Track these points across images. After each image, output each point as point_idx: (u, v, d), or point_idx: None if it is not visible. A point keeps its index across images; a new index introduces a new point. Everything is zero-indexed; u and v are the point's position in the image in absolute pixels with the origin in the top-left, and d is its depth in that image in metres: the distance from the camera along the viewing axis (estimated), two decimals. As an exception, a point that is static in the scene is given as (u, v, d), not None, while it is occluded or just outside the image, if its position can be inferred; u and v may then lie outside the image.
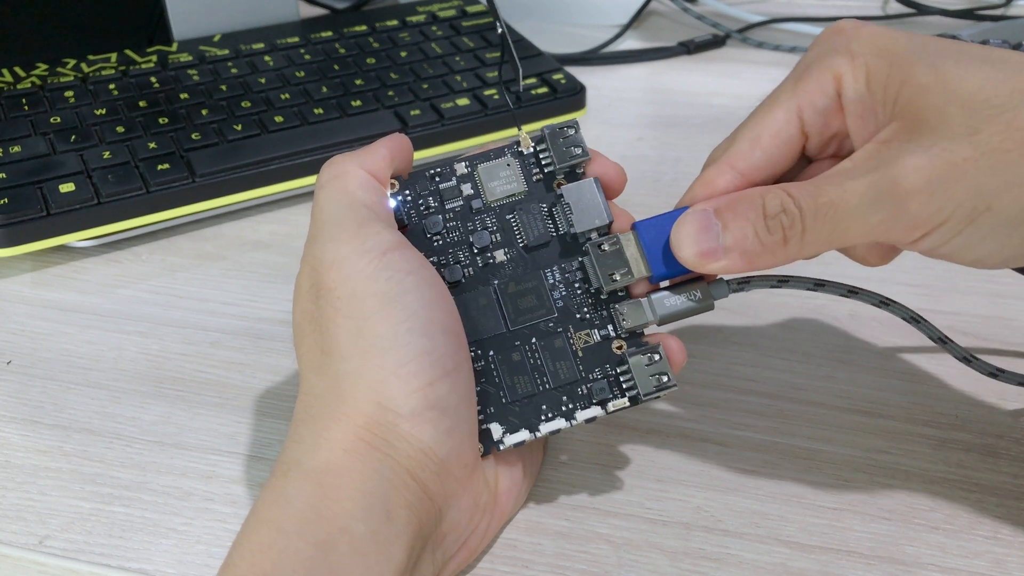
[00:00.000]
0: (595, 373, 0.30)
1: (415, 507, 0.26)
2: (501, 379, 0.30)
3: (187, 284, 0.44)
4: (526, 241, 0.31)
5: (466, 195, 0.31)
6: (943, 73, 0.25)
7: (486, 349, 0.30)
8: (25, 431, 0.36)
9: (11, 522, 0.32)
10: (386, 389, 0.26)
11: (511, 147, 0.32)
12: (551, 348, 0.30)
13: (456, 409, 0.27)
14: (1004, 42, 0.59)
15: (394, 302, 0.27)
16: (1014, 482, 0.32)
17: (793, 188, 0.27)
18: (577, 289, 0.31)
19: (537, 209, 0.31)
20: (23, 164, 0.46)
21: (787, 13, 0.72)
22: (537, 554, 0.31)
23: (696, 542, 0.31)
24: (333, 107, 0.51)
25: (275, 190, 0.48)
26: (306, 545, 0.24)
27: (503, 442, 0.29)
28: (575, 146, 0.31)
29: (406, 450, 0.26)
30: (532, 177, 0.31)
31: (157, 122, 0.49)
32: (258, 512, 0.26)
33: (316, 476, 0.26)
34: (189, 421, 0.36)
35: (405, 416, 0.26)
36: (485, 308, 0.30)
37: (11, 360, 0.39)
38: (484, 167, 0.31)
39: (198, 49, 0.56)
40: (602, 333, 0.30)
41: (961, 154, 0.25)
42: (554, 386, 0.30)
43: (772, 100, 0.30)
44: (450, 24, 0.61)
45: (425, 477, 0.26)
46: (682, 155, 0.54)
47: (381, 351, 0.26)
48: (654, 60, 0.67)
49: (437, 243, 0.31)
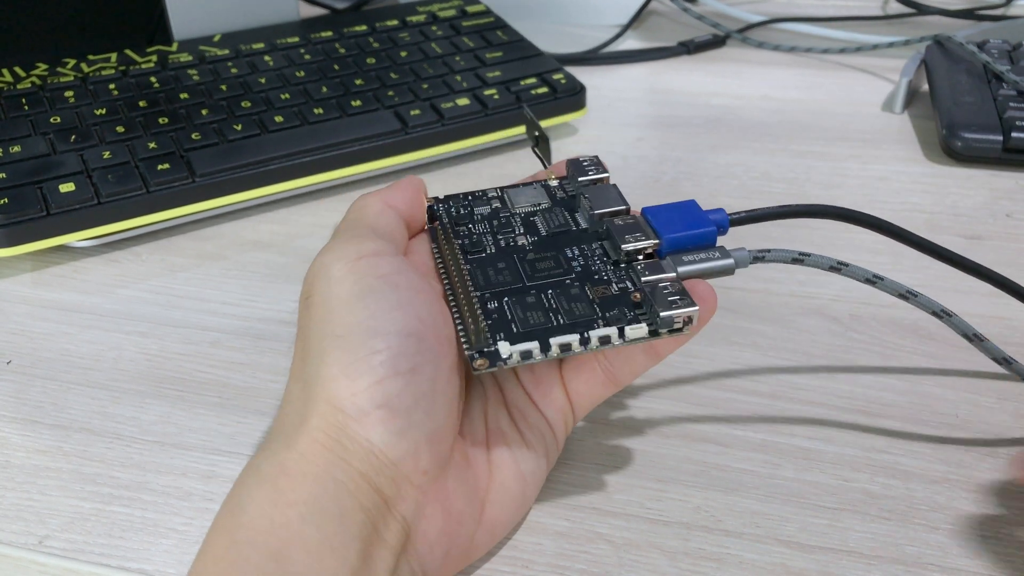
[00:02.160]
0: (611, 312, 0.29)
1: (370, 511, 0.25)
2: (513, 314, 0.29)
3: (187, 284, 0.44)
4: (548, 229, 0.32)
5: (495, 207, 0.34)
6: None
7: (500, 296, 0.30)
8: (25, 431, 0.36)
9: (11, 522, 0.32)
10: (336, 388, 0.26)
11: (539, 181, 0.35)
12: (567, 294, 0.29)
13: (409, 411, 0.26)
14: (1004, 42, 0.59)
15: (354, 303, 0.27)
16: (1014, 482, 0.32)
17: None
18: (597, 261, 0.31)
19: (559, 211, 0.33)
20: (23, 164, 0.46)
21: (787, 13, 0.72)
22: (537, 554, 0.31)
23: (696, 542, 0.31)
24: (333, 107, 0.51)
25: (275, 190, 0.48)
26: (258, 555, 0.24)
27: (511, 356, 0.27)
28: (594, 166, 0.34)
29: (357, 452, 0.26)
30: (556, 197, 0.34)
31: (157, 122, 0.49)
32: (216, 521, 0.25)
33: (271, 480, 0.25)
34: (189, 421, 0.36)
35: (353, 416, 0.26)
36: (503, 270, 0.30)
37: (11, 360, 0.39)
38: (513, 192, 0.34)
39: (198, 49, 0.56)
40: (620, 287, 0.30)
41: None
42: (568, 321, 0.28)
43: None
44: (450, 24, 0.61)
45: (380, 481, 0.26)
46: (682, 155, 0.54)
47: (335, 350, 0.26)
48: (654, 60, 0.67)
49: (463, 231, 0.32)
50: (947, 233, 0.46)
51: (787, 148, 0.54)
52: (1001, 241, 0.45)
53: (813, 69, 0.64)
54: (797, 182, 0.51)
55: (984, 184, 0.50)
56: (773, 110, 0.58)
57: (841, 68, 0.64)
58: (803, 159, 0.53)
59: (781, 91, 0.61)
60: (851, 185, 0.50)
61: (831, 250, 0.44)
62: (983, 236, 0.46)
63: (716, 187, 0.50)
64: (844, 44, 0.66)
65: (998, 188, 0.50)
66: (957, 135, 0.51)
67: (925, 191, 0.50)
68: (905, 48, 0.63)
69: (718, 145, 0.55)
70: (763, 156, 0.53)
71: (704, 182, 0.51)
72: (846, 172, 0.52)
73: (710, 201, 0.49)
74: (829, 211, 0.32)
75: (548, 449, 0.32)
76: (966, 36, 0.61)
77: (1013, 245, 0.45)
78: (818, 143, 0.55)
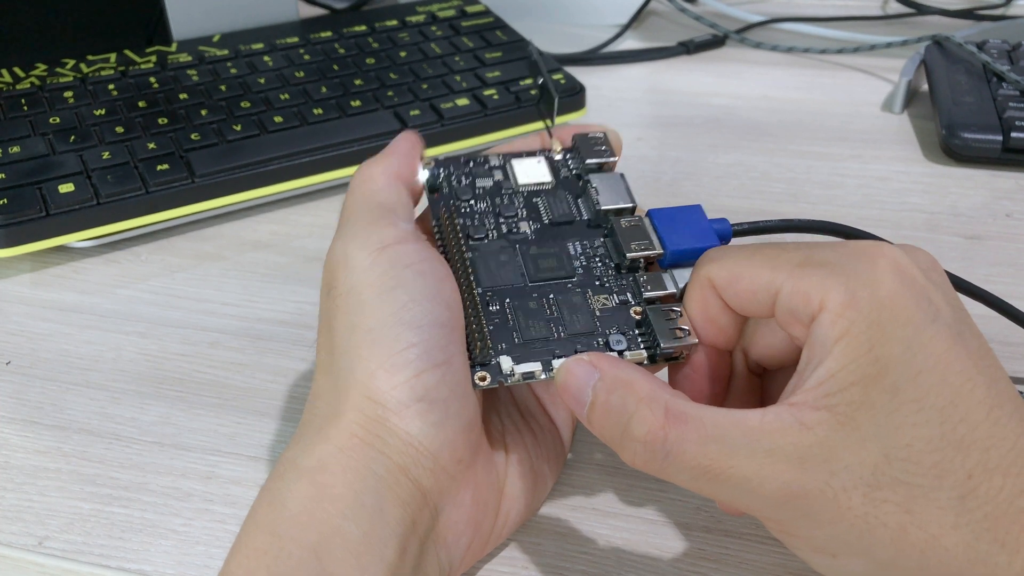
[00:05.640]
0: (612, 329, 0.29)
1: (409, 505, 0.26)
2: (515, 322, 0.29)
3: (186, 284, 0.44)
4: (551, 217, 0.32)
5: (497, 179, 0.33)
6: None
7: (503, 297, 0.30)
8: (24, 432, 0.36)
9: (10, 523, 0.32)
10: (374, 382, 0.26)
11: (542, 151, 0.33)
12: (569, 303, 0.30)
13: (446, 402, 0.27)
14: (1003, 42, 0.59)
15: (385, 295, 0.27)
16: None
17: (674, 424, 0.24)
18: (598, 262, 0.31)
19: (563, 195, 0.32)
20: (22, 164, 0.46)
21: (786, 13, 0.72)
22: (537, 554, 0.31)
23: (696, 542, 0.31)
24: (333, 107, 0.51)
25: (275, 190, 0.48)
26: (300, 549, 0.24)
27: (513, 373, 0.28)
28: (603, 146, 0.33)
29: (397, 445, 0.26)
30: (560, 175, 0.33)
31: (156, 122, 0.49)
32: (254, 514, 0.25)
33: (310, 475, 0.25)
34: (188, 422, 0.36)
35: (392, 409, 0.26)
36: (505, 263, 0.30)
37: (10, 360, 0.39)
38: (516, 160, 0.33)
39: (197, 49, 0.56)
40: (621, 299, 0.30)
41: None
42: (569, 334, 0.29)
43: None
44: (450, 24, 0.61)
45: (418, 474, 0.26)
46: (682, 155, 0.54)
47: (370, 344, 0.26)
48: (654, 60, 0.67)
49: (465, 209, 0.32)
50: (947, 233, 0.46)
51: (787, 148, 0.54)
52: (1001, 241, 0.45)
53: (813, 69, 0.64)
54: (797, 182, 0.51)
55: (984, 184, 0.50)
56: (773, 110, 0.58)
57: (841, 68, 0.64)
58: (803, 159, 0.53)
59: (780, 91, 0.61)
60: (851, 185, 0.50)
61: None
62: (983, 236, 0.46)
63: (716, 187, 0.50)
64: (843, 44, 0.66)
65: (998, 188, 0.50)
66: (957, 135, 0.51)
67: (925, 191, 0.50)
68: (904, 48, 0.63)
69: (718, 145, 0.54)
70: (763, 156, 0.53)
71: (704, 182, 0.51)
72: (846, 172, 0.52)
73: (710, 201, 0.50)
74: (827, 227, 0.32)
75: (557, 453, 0.32)
76: (966, 36, 0.61)
77: (1013, 245, 0.45)
78: (818, 143, 0.55)
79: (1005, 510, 0.22)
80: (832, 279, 0.24)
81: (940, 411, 0.23)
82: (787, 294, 0.25)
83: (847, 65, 0.64)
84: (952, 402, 0.23)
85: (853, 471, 0.23)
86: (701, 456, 0.24)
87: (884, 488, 0.23)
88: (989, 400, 0.23)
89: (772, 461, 0.23)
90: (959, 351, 0.23)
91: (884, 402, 0.23)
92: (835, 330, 0.23)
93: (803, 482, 0.23)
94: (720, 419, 0.24)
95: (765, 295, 0.25)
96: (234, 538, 0.25)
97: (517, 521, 0.30)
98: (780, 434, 0.23)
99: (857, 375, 0.23)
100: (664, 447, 0.24)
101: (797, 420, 0.23)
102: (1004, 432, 0.23)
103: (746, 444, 0.23)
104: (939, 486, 0.22)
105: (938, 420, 0.22)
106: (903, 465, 0.23)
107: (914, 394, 0.23)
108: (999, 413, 0.23)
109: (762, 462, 0.23)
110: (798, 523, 0.24)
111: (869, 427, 0.23)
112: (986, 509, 0.22)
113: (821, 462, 0.23)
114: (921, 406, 0.23)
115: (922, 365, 0.23)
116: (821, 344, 0.24)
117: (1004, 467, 0.22)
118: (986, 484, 0.22)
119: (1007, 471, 0.22)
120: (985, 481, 0.22)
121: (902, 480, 0.23)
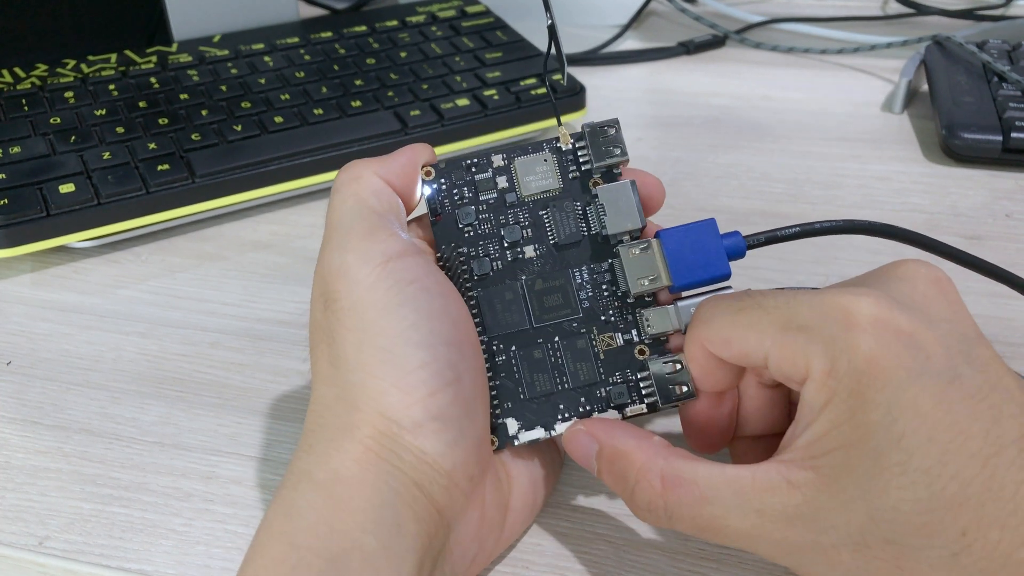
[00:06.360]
0: (615, 377, 0.30)
1: (424, 521, 0.26)
2: (521, 375, 0.30)
3: (187, 284, 0.44)
4: (557, 239, 0.31)
5: (501, 188, 0.31)
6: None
7: (508, 344, 0.30)
8: (25, 432, 0.36)
9: (11, 523, 0.32)
10: (387, 399, 0.26)
11: (550, 142, 0.32)
12: (573, 348, 0.30)
13: (459, 421, 0.27)
14: (1003, 42, 0.59)
15: (393, 313, 0.27)
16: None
17: (671, 490, 0.26)
18: (604, 291, 0.31)
19: (571, 207, 0.31)
20: (23, 165, 0.46)
21: (786, 13, 0.72)
22: (537, 554, 0.31)
23: (696, 542, 0.31)
24: (333, 107, 0.51)
25: (275, 190, 0.48)
26: (319, 560, 0.24)
27: (518, 437, 0.29)
28: (614, 146, 0.31)
29: (412, 462, 0.26)
30: (568, 175, 0.31)
31: (157, 122, 0.49)
32: (270, 524, 0.25)
33: (327, 487, 0.25)
34: (189, 422, 0.36)
35: (408, 428, 0.26)
36: (510, 303, 0.30)
37: (11, 361, 0.39)
38: (521, 160, 0.31)
39: (198, 49, 0.56)
40: (625, 337, 0.30)
41: None
42: (573, 386, 0.30)
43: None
44: (450, 24, 0.61)
45: (433, 490, 0.26)
46: (682, 155, 0.54)
47: (381, 363, 0.26)
48: (654, 60, 0.67)
49: (468, 234, 0.31)
50: (946, 233, 0.46)
51: (787, 148, 0.54)
52: (1001, 241, 0.45)
53: (813, 69, 0.64)
54: (797, 182, 0.51)
55: (984, 184, 0.50)
56: (773, 110, 0.58)
57: (841, 68, 0.64)
58: (803, 159, 0.53)
59: (780, 91, 0.61)
60: (851, 185, 0.50)
61: (831, 250, 0.44)
62: (983, 236, 0.46)
63: (716, 187, 0.50)
64: (843, 44, 0.66)
65: (998, 188, 0.50)
66: (957, 135, 0.51)
67: (925, 191, 0.50)
68: (904, 48, 0.63)
69: (718, 145, 0.54)
70: (763, 156, 0.53)
71: (704, 182, 0.51)
72: (846, 172, 0.52)
73: (710, 202, 0.50)
74: (837, 227, 0.32)
75: (554, 460, 0.32)
76: (966, 36, 0.61)
77: (1013, 245, 0.45)
78: (818, 143, 0.55)
79: (1003, 563, 0.22)
80: (812, 346, 0.24)
81: (926, 472, 0.22)
82: (775, 360, 0.25)
83: (847, 65, 0.64)
84: (940, 461, 0.22)
85: (840, 530, 0.23)
86: (698, 518, 0.25)
87: (873, 547, 0.23)
88: (985, 450, 0.22)
89: (763, 520, 0.24)
90: (951, 401, 0.23)
91: (867, 466, 0.23)
92: (820, 398, 0.24)
93: (793, 539, 0.24)
94: (715, 478, 0.25)
95: (757, 357, 0.26)
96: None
97: (519, 532, 0.31)
98: (769, 493, 0.24)
99: (840, 441, 0.24)
100: (666, 512, 0.26)
101: (785, 479, 0.24)
102: (1003, 482, 0.22)
103: (737, 505, 0.25)
104: (929, 545, 0.22)
105: (925, 482, 0.22)
106: (890, 527, 0.23)
107: (897, 458, 0.23)
108: (997, 462, 0.22)
109: (754, 521, 0.24)
110: (798, 570, 0.25)
111: (854, 490, 0.23)
112: (981, 564, 0.22)
113: (809, 521, 0.24)
114: (905, 469, 0.23)
115: (904, 428, 0.23)
116: (810, 407, 0.25)
117: (1002, 519, 0.22)
118: (982, 540, 0.22)
119: (1004, 523, 0.22)
120: (980, 537, 0.22)
121: (890, 540, 0.23)
